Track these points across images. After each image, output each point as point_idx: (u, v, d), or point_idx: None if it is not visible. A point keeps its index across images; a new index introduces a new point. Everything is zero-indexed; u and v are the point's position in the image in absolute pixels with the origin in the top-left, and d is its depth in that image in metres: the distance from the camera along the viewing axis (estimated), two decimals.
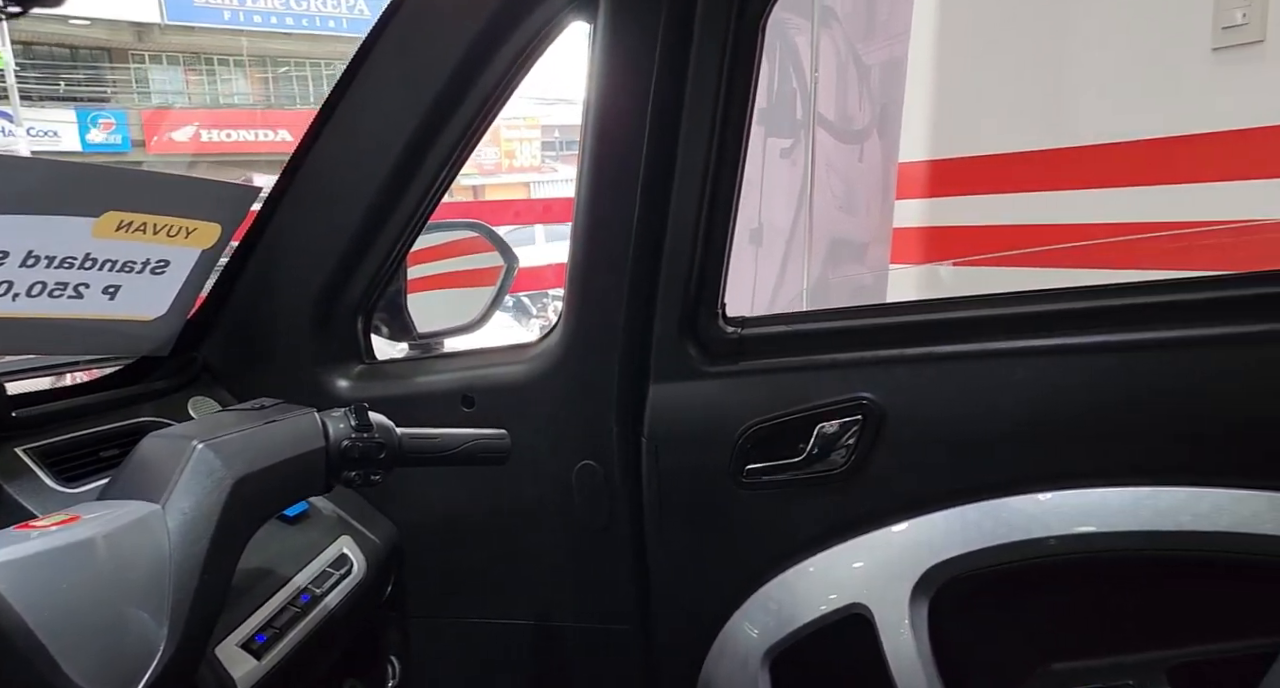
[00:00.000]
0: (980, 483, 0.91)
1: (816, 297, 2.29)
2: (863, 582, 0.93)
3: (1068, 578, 0.89)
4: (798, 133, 2.16)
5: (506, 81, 0.99)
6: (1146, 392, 0.84)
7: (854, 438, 0.94)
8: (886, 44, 2.17)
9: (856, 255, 2.26)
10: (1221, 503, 0.80)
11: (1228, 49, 1.54)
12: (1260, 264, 1.49)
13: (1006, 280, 2.00)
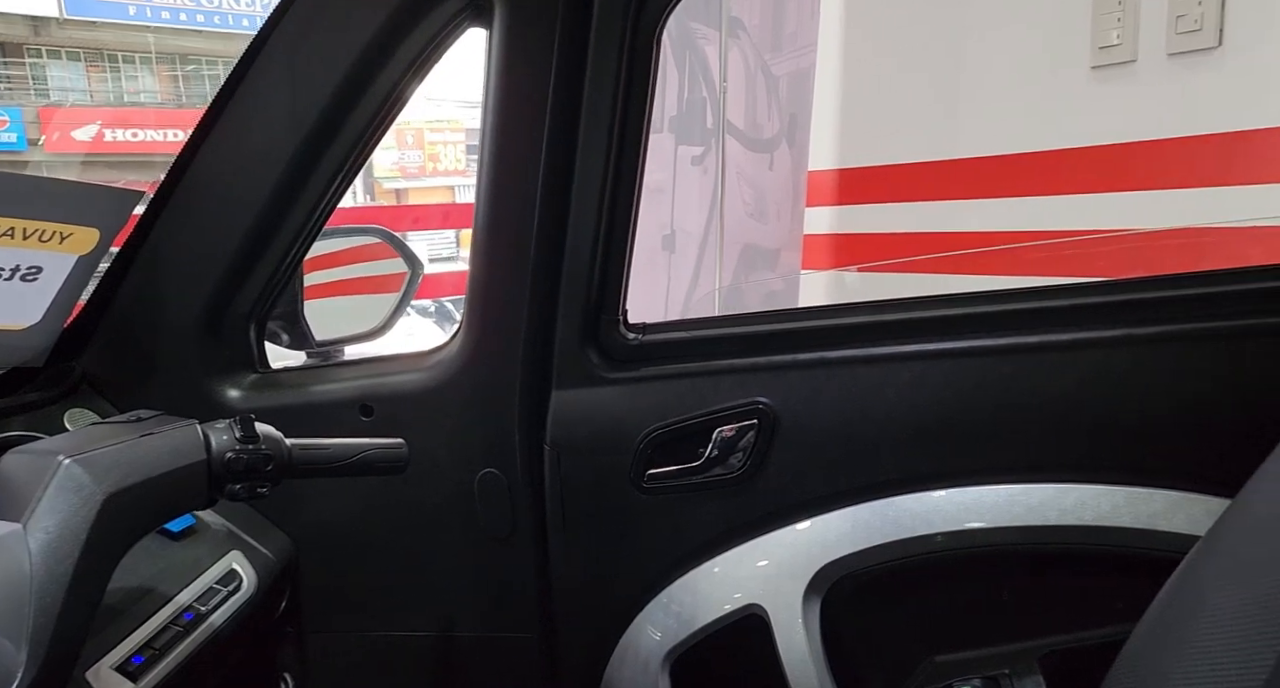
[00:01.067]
0: (870, 483, 0.94)
1: (730, 301, 2.33)
2: (759, 582, 0.96)
3: (951, 573, 0.93)
4: (709, 141, 2.19)
5: (403, 86, 0.98)
6: (1015, 394, 0.89)
7: (751, 442, 0.96)
8: (794, 56, 2.23)
9: (769, 261, 2.31)
10: (1084, 498, 0.85)
11: (1104, 68, 1.63)
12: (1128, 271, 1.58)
13: (908, 285, 2.08)
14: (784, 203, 2.31)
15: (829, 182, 2.24)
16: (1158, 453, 0.84)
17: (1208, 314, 0.84)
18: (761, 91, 2.27)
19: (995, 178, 1.91)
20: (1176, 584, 0.61)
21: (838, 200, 2.24)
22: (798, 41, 2.24)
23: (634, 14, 0.92)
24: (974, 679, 0.91)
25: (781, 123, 2.29)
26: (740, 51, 2.20)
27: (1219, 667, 0.54)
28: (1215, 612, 0.56)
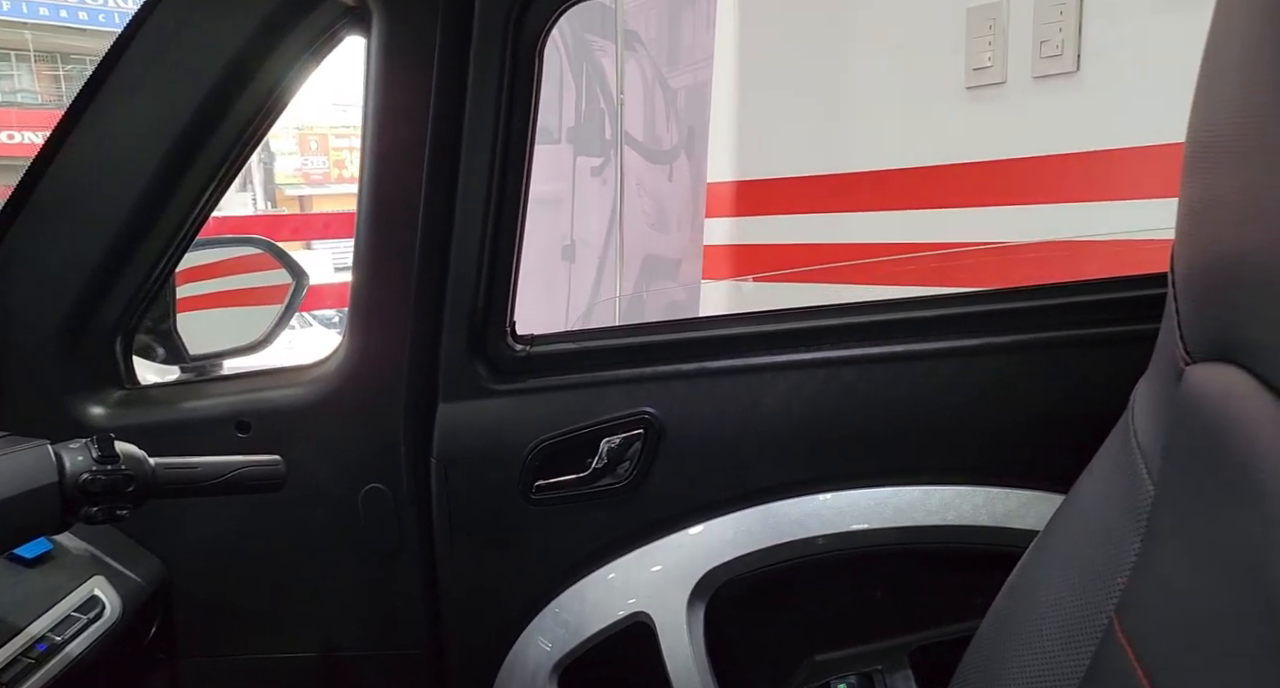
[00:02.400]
0: (752, 489, 0.96)
1: (631, 311, 2.35)
2: (646, 590, 0.97)
3: (830, 574, 0.96)
4: (608, 152, 2.21)
5: (279, 92, 0.96)
6: (884, 400, 0.93)
7: (637, 451, 0.98)
8: (691, 69, 2.27)
9: (669, 271, 2.34)
10: (947, 499, 0.90)
11: (978, 88, 1.72)
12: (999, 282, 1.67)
13: (802, 294, 2.14)
14: (684, 214, 2.35)
15: (727, 193, 2.29)
16: (1011, 455, 0.90)
17: (1052, 324, 0.90)
18: (659, 104, 2.31)
19: (882, 191, 1.99)
20: (1016, 577, 0.66)
21: (736, 212, 2.30)
22: (694, 55, 2.29)
23: (515, 26, 0.92)
24: (849, 677, 0.95)
25: (680, 135, 2.33)
26: (637, 64, 2.23)
27: (1048, 653, 0.58)
28: (1044, 601, 0.60)
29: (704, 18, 2.23)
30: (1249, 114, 0.39)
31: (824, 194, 2.11)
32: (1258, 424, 0.39)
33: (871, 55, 1.94)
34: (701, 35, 2.25)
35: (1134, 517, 0.55)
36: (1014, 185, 1.68)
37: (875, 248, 1.99)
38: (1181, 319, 0.51)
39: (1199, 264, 0.47)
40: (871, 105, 1.96)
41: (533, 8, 0.92)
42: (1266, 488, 0.37)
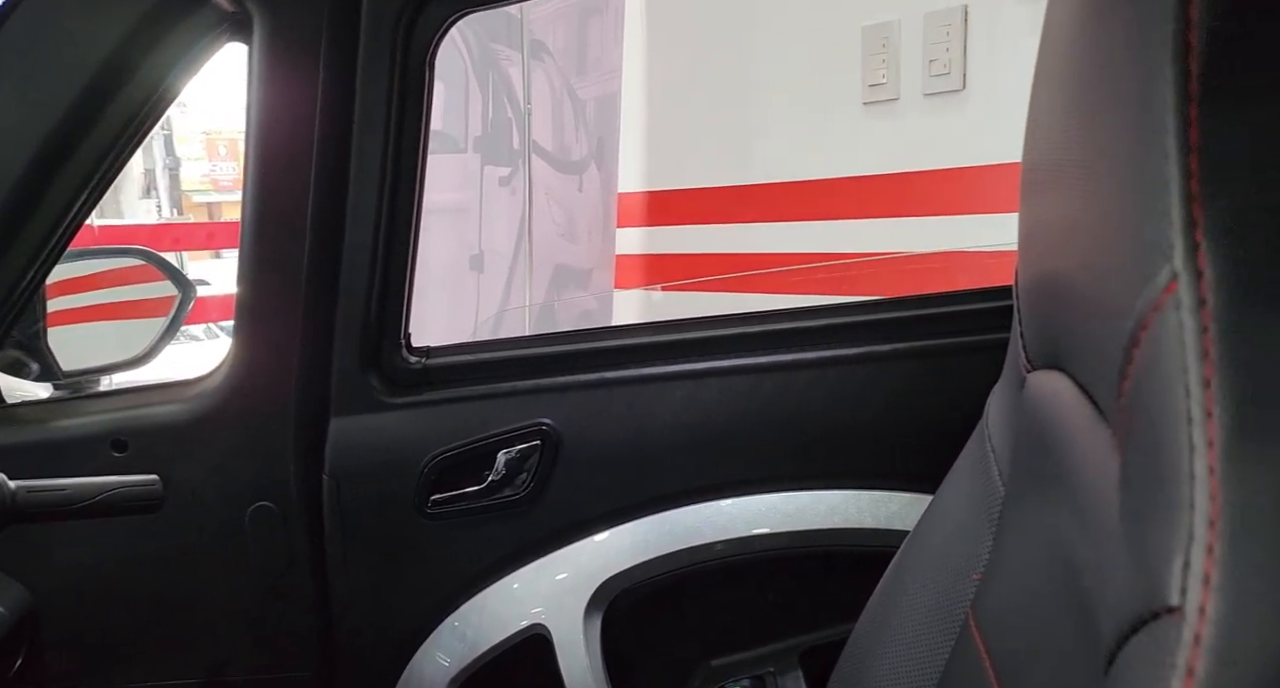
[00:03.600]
0: (649, 497, 0.97)
1: (542, 320, 2.34)
2: (543, 602, 0.97)
3: (726, 579, 0.98)
4: (516, 162, 2.21)
5: (156, 99, 0.93)
6: (775, 408, 0.95)
7: (535, 463, 0.98)
8: (600, 80, 2.29)
9: (581, 281, 2.35)
10: (835, 503, 0.93)
11: (874, 104, 1.79)
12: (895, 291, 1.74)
13: (712, 303, 2.18)
14: (595, 223, 2.36)
15: (638, 203, 2.31)
16: (893, 459, 0.93)
17: (930, 333, 0.94)
18: (568, 114, 2.31)
19: (787, 203, 2.04)
20: (887, 577, 0.68)
21: (647, 222, 2.32)
22: (603, 66, 2.31)
23: (404, 35, 0.91)
24: (743, 679, 0.97)
25: (590, 145, 2.34)
26: (545, 74, 2.24)
27: (914, 649, 0.61)
28: (911, 599, 0.63)
29: (612, 30, 2.25)
30: (1066, 144, 0.42)
31: (732, 205, 2.15)
32: (1075, 425, 0.41)
33: (776, 70, 1.99)
34: (610, 47, 2.27)
35: (988, 516, 0.58)
36: (908, 198, 1.75)
37: (782, 258, 2.04)
38: (1024, 329, 0.55)
39: (1033, 279, 0.50)
40: (777, 119, 2.01)
41: (422, 17, 0.91)
42: (1077, 482, 0.40)
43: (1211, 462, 0.28)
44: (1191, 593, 0.27)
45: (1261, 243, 0.29)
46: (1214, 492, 0.28)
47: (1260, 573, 0.27)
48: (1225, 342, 0.29)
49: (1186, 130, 0.30)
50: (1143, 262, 0.32)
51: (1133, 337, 0.33)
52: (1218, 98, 0.30)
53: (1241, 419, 0.28)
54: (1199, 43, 0.30)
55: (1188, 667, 0.27)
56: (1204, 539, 0.28)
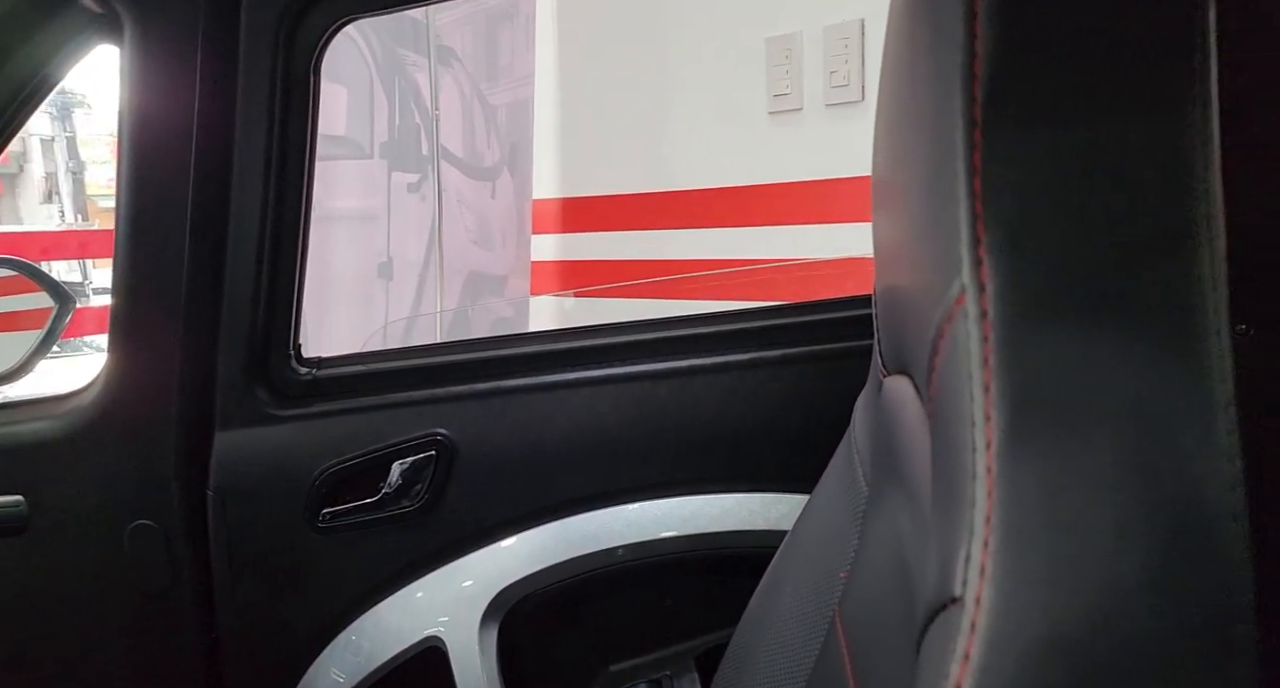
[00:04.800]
0: (548, 505, 0.97)
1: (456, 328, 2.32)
2: (438, 613, 0.96)
3: (623, 585, 0.99)
4: (424, 168, 2.18)
5: (20, 102, 0.89)
6: (672, 413, 0.96)
7: (430, 473, 0.97)
8: (512, 86, 2.28)
9: (496, 288, 2.33)
10: (729, 506, 0.94)
11: (778, 114, 1.83)
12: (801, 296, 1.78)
13: (626, 310, 2.19)
14: (509, 230, 2.35)
15: (552, 210, 2.31)
16: (784, 461, 0.95)
17: (821, 338, 0.97)
18: (479, 120, 2.30)
19: (699, 210, 2.07)
20: (767, 576, 0.70)
21: (562, 228, 2.32)
22: (514, 73, 2.30)
23: (286, 40, 0.90)
24: (640, 684, 0.97)
25: (502, 151, 2.33)
26: (454, 80, 2.22)
27: (789, 647, 0.62)
28: (787, 598, 0.65)
29: (523, 37, 2.25)
30: (892, 162, 0.44)
31: (647, 212, 2.16)
32: (913, 425, 0.43)
33: (686, 78, 2.02)
34: (521, 54, 2.26)
35: (853, 516, 0.60)
36: (814, 206, 1.79)
37: (695, 264, 2.07)
38: (879, 335, 0.57)
39: (881, 288, 0.52)
40: (688, 127, 2.04)
41: (305, 22, 0.90)
42: (911, 481, 0.42)
43: (989, 462, 0.30)
44: (970, 584, 0.29)
45: (1034, 259, 0.31)
46: (990, 489, 0.30)
47: (1027, 566, 0.28)
48: (1002, 351, 0.31)
49: (972, 153, 0.32)
50: (941, 275, 0.34)
51: (933, 345, 0.35)
52: (998, 124, 0.32)
53: (1014, 423, 0.30)
54: (983, 72, 0.32)
55: (964, 653, 0.28)
56: (981, 534, 0.29)
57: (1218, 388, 0.30)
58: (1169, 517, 0.28)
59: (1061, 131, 0.32)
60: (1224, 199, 0.83)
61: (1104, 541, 0.28)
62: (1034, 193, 0.32)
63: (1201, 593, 0.27)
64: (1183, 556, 0.28)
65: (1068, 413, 0.30)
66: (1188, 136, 0.31)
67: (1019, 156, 0.32)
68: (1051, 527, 0.29)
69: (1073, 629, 0.27)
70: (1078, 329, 0.31)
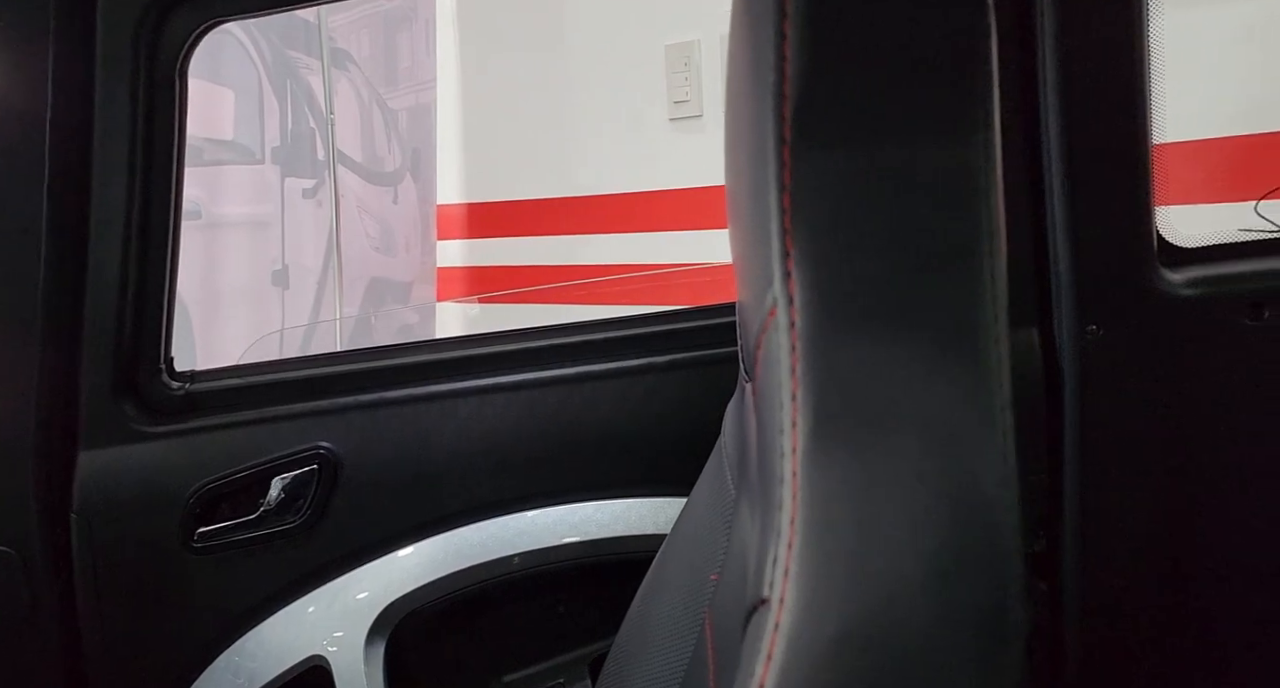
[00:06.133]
0: (436, 517, 0.96)
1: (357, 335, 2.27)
2: (322, 632, 0.93)
3: (516, 594, 0.98)
4: (320, 173, 2.13)
5: None
6: (561, 421, 0.96)
7: (312, 488, 0.94)
8: (412, 90, 2.25)
9: (400, 294, 2.29)
10: (619, 511, 0.95)
11: (679, 120, 1.85)
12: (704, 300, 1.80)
13: (533, 315, 2.18)
14: (413, 236, 2.31)
15: (458, 215, 2.28)
16: (673, 465, 0.96)
17: (708, 343, 0.98)
18: (379, 124, 2.25)
19: (605, 215, 2.07)
20: (646, 579, 0.71)
21: (468, 234, 2.29)
22: (415, 77, 2.26)
23: (148, 45, 0.86)
24: None
25: (404, 156, 2.29)
26: (350, 83, 2.17)
27: (663, 649, 0.63)
28: (663, 597, 0.65)
29: (423, 40, 2.21)
30: (732, 175, 0.45)
31: (552, 217, 2.16)
32: (752, 430, 0.44)
33: (590, 84, 2.02)
34: (421, 57, 2.23)
35: (723, 519, 0.61)
36: (717, 211, 1.82)
37: (601, 269, 2.07)
38: (739, 342, 0.58)
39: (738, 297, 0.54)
40: (593, 132, 2.04)
41: (167, 25, 0.86)
42: (752, 480, 0.43)
43: (794, 466, 0.31)
44: (776, 585, 0.30)
45: (836, 273, 0.32)
46: (794, 493, 0.31)
47: (827, 566, 0.29)
48: (806, 360, 0.32)
49: (781, 170, 0.33)
50: (760, 287, 0.35)
51: (753, 354, 0.36)
52: (804, 143, 0.33)
53: (816, 429, 0.31)
54: (791, 93, 0.33)
55: (769, 653, 0.29)
56: (786, 536, 0.30)
57: (996, 392, 0.31)
58: (952, 513, 0.30)
59: (862, 151, 0.33)
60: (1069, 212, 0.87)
61: (895, 538, 0.29)
62: (836, 209, 0.33)
63: (979, 583, 0.29)
64: (963, 549, 0.29)
65: (864, 418, 0.31)
66: (973, 157, 0.33)
67: (823, 174, 0.33)
68: (849, 527, 0.30)
69: (865, 625, 0.28)
70: (874, 339, 0.32)
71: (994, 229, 0.33)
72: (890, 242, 0.32)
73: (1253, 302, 0.84)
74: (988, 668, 0.28)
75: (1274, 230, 0.90)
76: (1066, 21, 0.82)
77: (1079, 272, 0.87)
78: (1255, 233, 0.91)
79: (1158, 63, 0.86)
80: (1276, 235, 0.89)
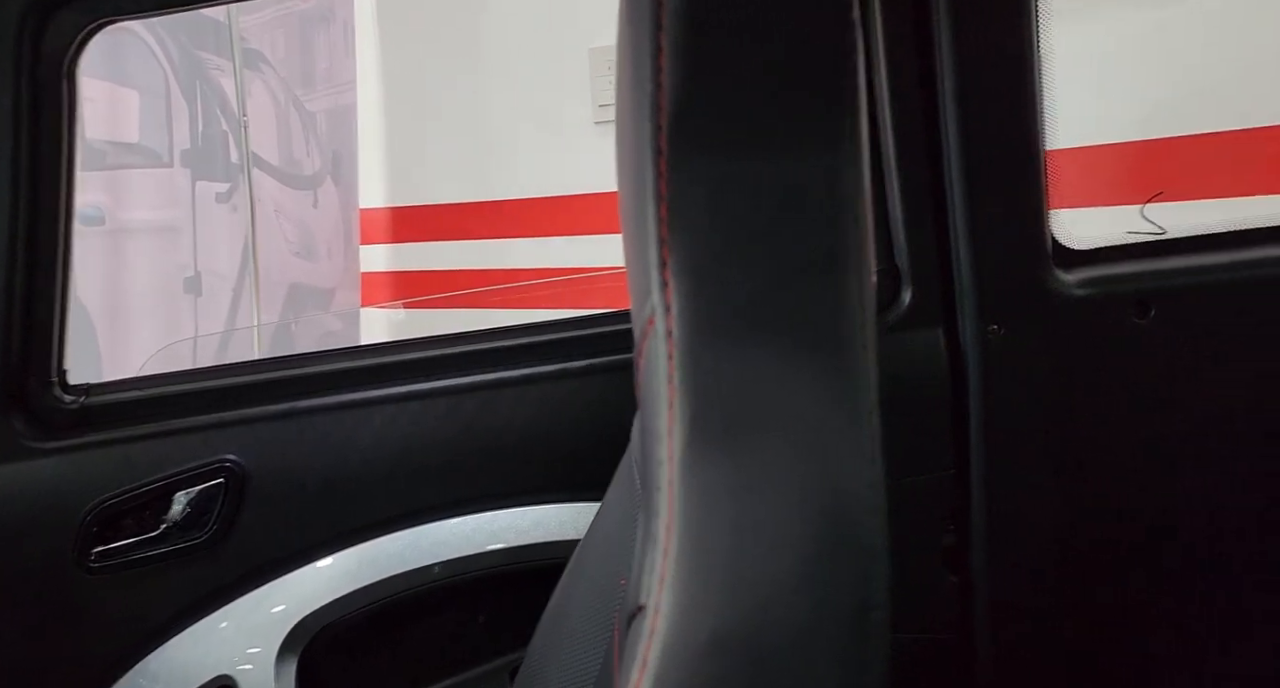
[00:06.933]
0: (351, 529, 0.94)
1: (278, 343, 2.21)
2: (230, 650, 0.90)
3: (435, 605, 0.97)
4: (235, 177, 2.07)
5: None
6: (478, 428, 0.96)
7: (219, 503, 0.91)
8: (332, 92, 2.20)
9: (322, 301, 2.24)
10: (538, 517, 0.94)
11: (605, 124, 1.85)
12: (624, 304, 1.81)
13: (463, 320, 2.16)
14: (335, 241, 2.26)
15: (382, 220, 2.24)
16: (593, 470, 0.96)
17: (623, 347, 0.98)
18: (296, 127, 2.20)
19: (535, 219, 2.06)
20: (560, 584, 0.70)
21: (393, 238, 2.25)
22: (334, 79, 2.22)
23: (31, 45, 0.83)
24: None
25: (324, 160, 2.24)
26: (265, 85, 2.12)
27: (576, 656, 0.63)
28: (575, 602, 0.65)
29: (342, 41, 2.17)
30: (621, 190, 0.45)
31: (480, 221, 2.14)
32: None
33: (515, 87, 2.01)
34: (341, 59, 2.18)
35: (632, 523, 0.61)
36: None
37: (528, 273, 2.06)
38: None
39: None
40: (518, 135, 2.03)
41: (52, 25, 0.83)
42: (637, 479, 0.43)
43: (670, 474, 0.31)
44: (652, 592, 0.30)
45: (710, 281, 0.33)
46: (670, 500, 0.31)
47: (701, 571, 0.30)
48: (682, 368, 0.32)
49: (658, 181, 0.34)
50: (641, 296, 0.35)
51: (635, 364, 0.36)
52: (679, 153, 0.34)
53: (691, 436, 0.31)
54: (667, 104, 0.33)
55: (644, 659, 0.29)
56: (662, 543, 0.31)
57: (864, 396, 0.32)
58: (821, 515, 0.30)
59: (735, 162, 0.34)
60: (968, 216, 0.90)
61: (766, 542, 0.30)
62: (710, 219, 0.33)
63: (846, 584, 0.30)
64: (832, 550, 0.30)
65: (738, 425, 0.31)
66: (842, 168, 0.34)
67: (698, 185, 0.34)
68: (722, 533, 0.30)
69: (736, 628, 0.29)
70: (747, 347, 0.32)
71: (861, 238, 0.34)
72: (762, 251, 0.33)
73: (1139, 300, 0.89)
74: (854, 665, 0.29)
75: (1158, 233, 0.94)
76: (962, 31, 0.85)
77: (980, 274, 0.90)
78: (1142, 235, 0.96)
79: (1050, 72, 0.90)
80: (1160, 237, 0.94)
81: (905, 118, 0.90)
